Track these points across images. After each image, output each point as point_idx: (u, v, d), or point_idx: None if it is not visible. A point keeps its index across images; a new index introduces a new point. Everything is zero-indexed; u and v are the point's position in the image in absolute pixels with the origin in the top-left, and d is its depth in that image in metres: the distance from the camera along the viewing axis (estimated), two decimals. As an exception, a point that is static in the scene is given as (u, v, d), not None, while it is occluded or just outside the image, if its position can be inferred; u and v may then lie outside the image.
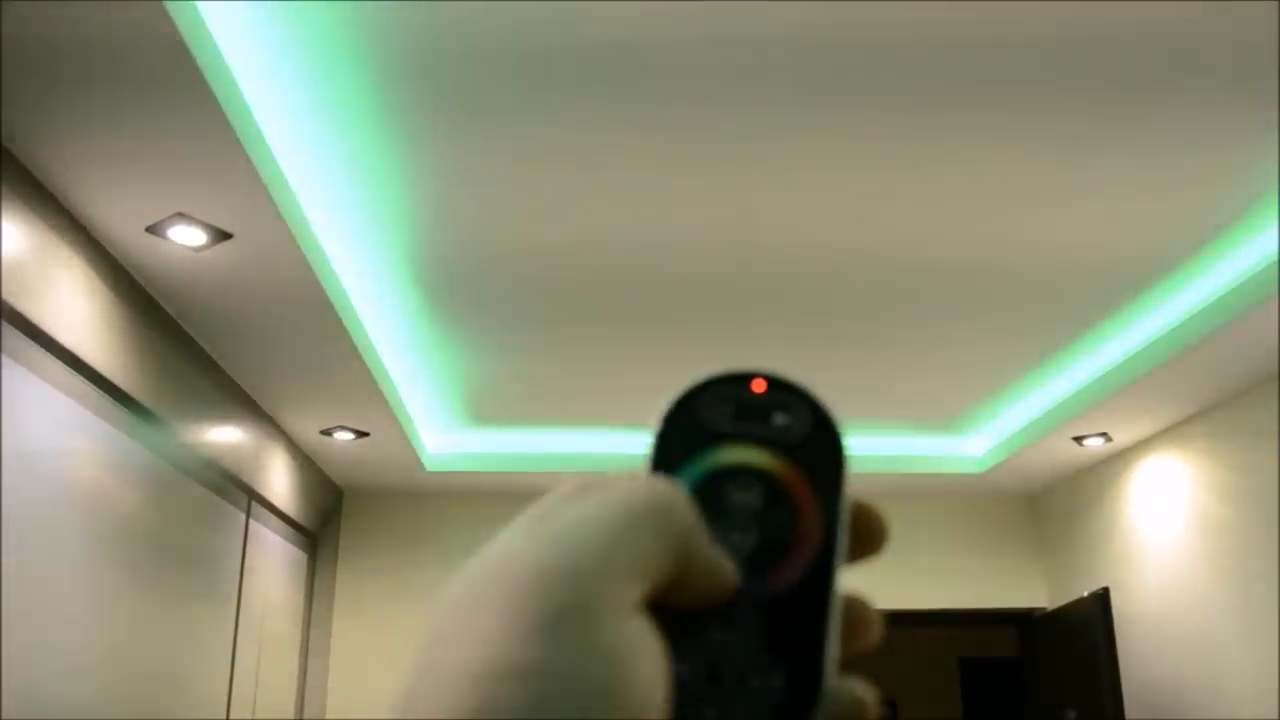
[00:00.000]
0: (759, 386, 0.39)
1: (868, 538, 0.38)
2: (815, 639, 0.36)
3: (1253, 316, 3.72)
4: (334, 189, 3.17)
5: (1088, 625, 5.35)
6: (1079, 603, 5.53)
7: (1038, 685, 6.11)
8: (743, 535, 0.37)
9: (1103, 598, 5.26)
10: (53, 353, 2.87)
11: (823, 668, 0.35)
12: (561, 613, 0.31)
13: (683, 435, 0.38)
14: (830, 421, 0.39)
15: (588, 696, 0.31)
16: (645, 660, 0.32)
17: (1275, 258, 3.54)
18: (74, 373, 3.00)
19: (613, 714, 0.31)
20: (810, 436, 0.38)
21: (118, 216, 2.89)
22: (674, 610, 0.35)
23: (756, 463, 0.38)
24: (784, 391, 0.39)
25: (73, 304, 2.95)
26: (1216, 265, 3.75)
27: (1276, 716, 4.24)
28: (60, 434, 2.95)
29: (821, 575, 0.36)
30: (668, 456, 0.38)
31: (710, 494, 0.37)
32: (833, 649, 0.36)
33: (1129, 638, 5.28)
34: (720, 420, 0.38)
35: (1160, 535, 5.13)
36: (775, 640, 0.35)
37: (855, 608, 0.37)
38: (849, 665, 0.36)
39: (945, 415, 5.40)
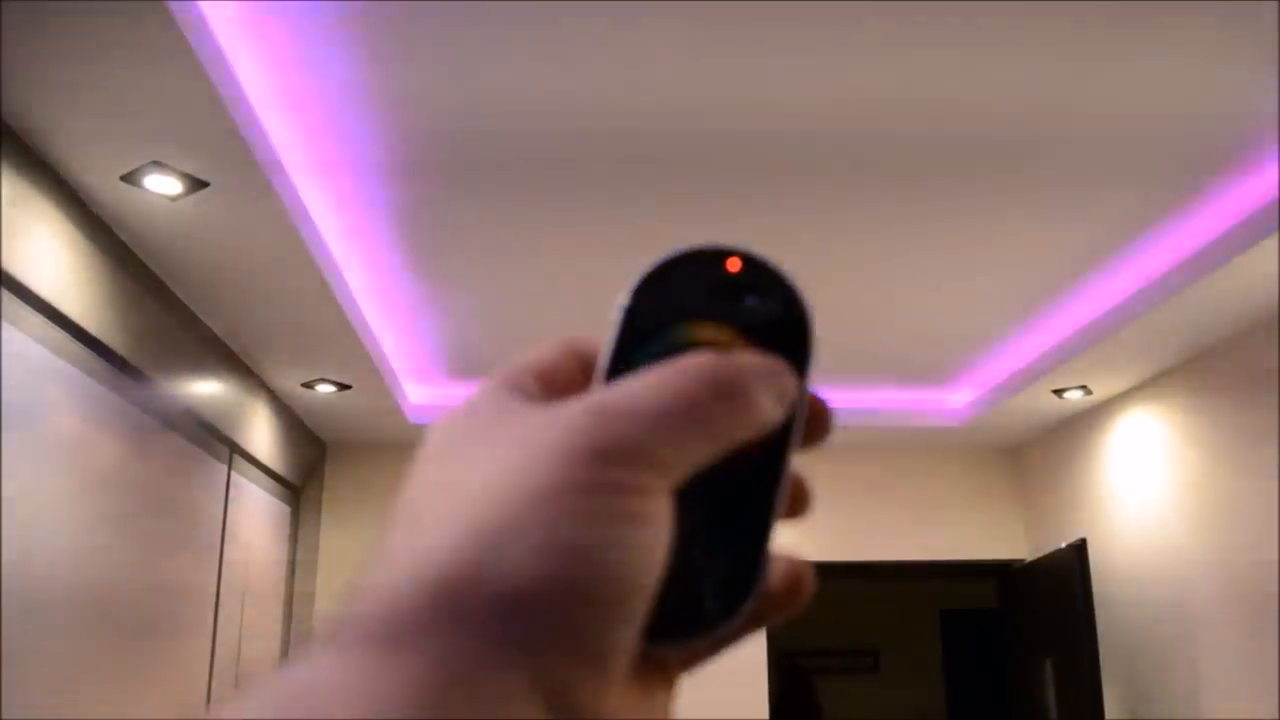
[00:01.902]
0: (734, 265, 0.38)
1: (814, 426, 0.38)
2: (762, 518, 0.36)
3: (1231, 270, 3.73)
4: (311, 137, 3.14)
5: (1065, 576, 5.41)
6: (1057, 554, 5.58)
7: (1016, 635, 6.19)
8: None
9: (1080, 548, 5.31)
10: (29, 303, 2.85)
11: (766, 545, 0.36)
12: (592, 485, 0.32)
13: (652, 309, 0.38)
14: (801, 307, 0.38)
15: (590, 564, 0.31)
16: (658, 531, 0.33)
17: (1253, 211, 3.55)
18: (51, 324, 2.98)
19: (612, 588, 0.31)
20: (780, 320, 0.38)
21: (92, 165, 2.86)
22: None
23: (723, 342, 0.37)
24: (758, 272, 0.38)
25: (48, 254, 2.92)
26: (1196, 220, 3.75)
27: (1248, 666, 4.31)
28: (38, 385, 2.94)
29: (775, 457, 0.37)
30: (635, 328, 0.37)
31: None
32: (774, 529, 0.36)
33: (1106, 589, 5.34)
34: (691, 296, 0.38)
35: (1138, 487, 5.18)
36: (724, 517, 0.36)
37: (794, 483, 0.38)
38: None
39: (927, 368, 5.42)
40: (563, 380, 0.37)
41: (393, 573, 0.31)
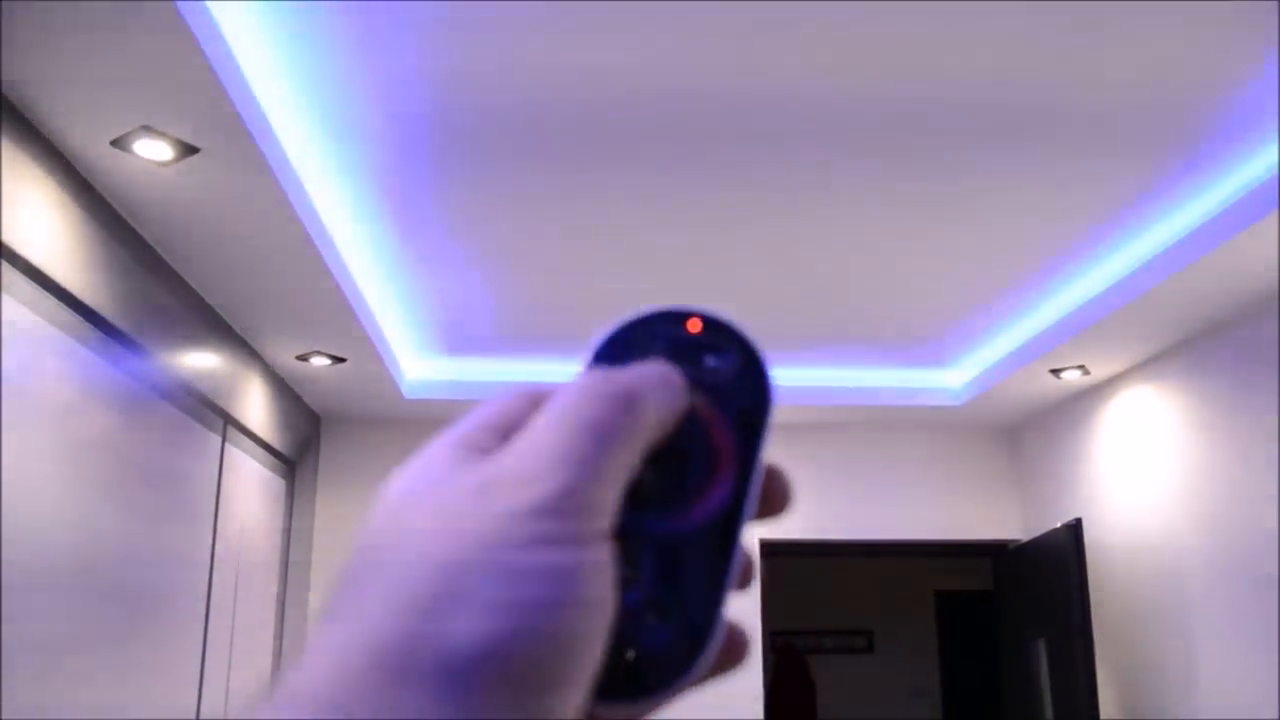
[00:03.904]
0: (695, 326, 0.39)
1: (772, 499, 0.38)
2: (715, 581, 0.36)
3: (1230, 249, 3.71)
4: (305, 103, 3.11)
5: (1060, 556, 5.41)
6: (1051, 534, 5.58)
7: (1010, 616, 6.20)
8: (659, 472, 0.37)
9: (1075, 528, 5.31)
10: (19, 269, 2.83)
11: (718, 609, 0.36)
12: (534, 540, 0.32)
13: (614, 367, 0.38)
14: (761, 369, 0.38)
15: (540, 620, 0.31)
16: (598, 584, 0.33)
17: (1250, 188, 3.53)
18: (42, 290, 2.96)
19: (559, 642, 0.31)
20: (738, 381, 0.38)
21: (81, 129, 2.83)
22: None
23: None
24: (718, 333, 0.38)
25: (39, 220, 2.90)
26: (1195, 197, 3.73)
27: (1243, 647, 4.31)
28: (29, 351, 2.92)
29: (729, 521, 0.37)
30: None
31: None
32: (729, 592, 0.36)
33: (1101, 569, 5.34)
34: (652, 356, 0.38)
35: (1135, 468, 5.17)
36: (675, 579, 0.36)
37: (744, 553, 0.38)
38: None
39: (923, 347, 5.41)
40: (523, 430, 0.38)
41: (338, 638, 0.32)
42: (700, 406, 0.37)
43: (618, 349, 0.38)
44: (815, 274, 4.40)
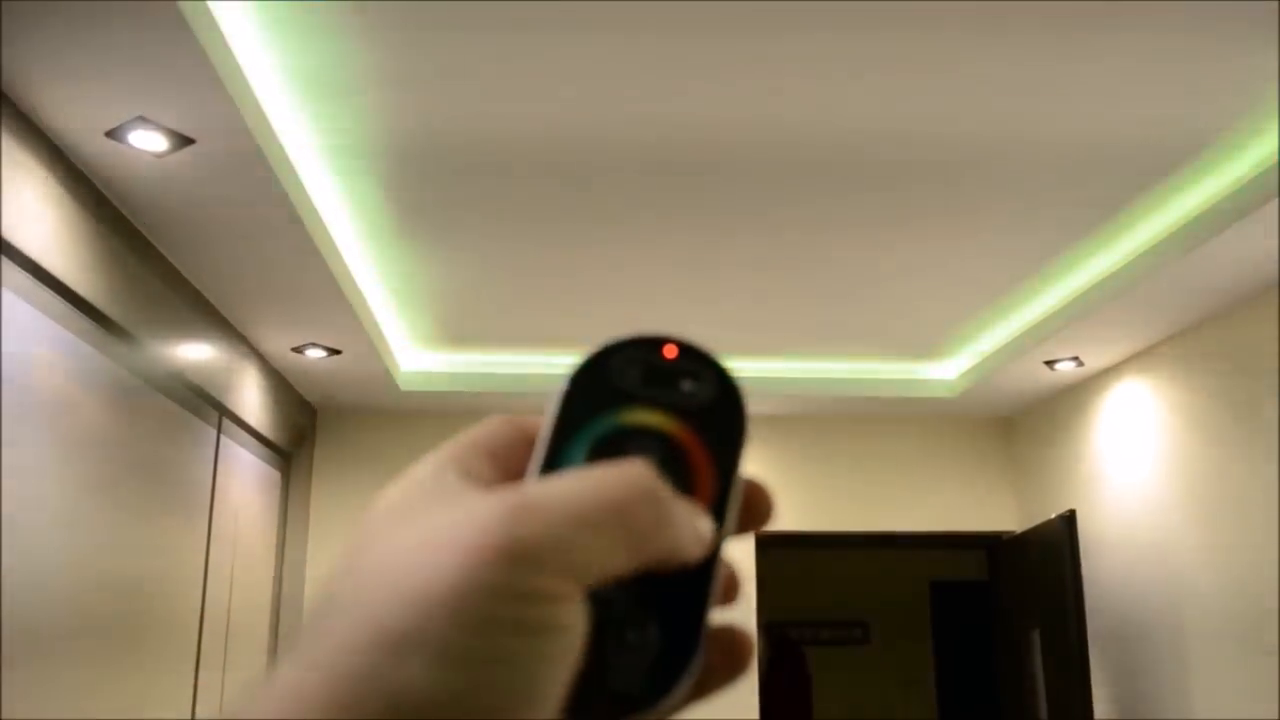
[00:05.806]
0: (670, 352, 0.39)
1: (755, 513, 0.39)
2: (696, 602, 0.36)
3: (1225, 241, 3.72)
4: (300, 94, 3.10)
5: (1054, 547, 5.42)
6: (1046, 525, 5.60)
7: (1005, 606, 6.21)
8: None
9: (1069, 520, 5.32)
10: (13, 260, 2.82)
11: (700, 630, 0.36)
12: (502, 591, 0.32)
13: (590, 393, 0.38)
14: (736, 392, 0.39)
15: (496, 674, 0.31)
16: (566, 641, 0.32)
17: (1245, 181, 3.53)
18: (37, 282, 2.96)
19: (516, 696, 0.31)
20: (714, 406, 0.39)
21: (76, 120, 2.82)
22: None
23: (657, 426, 0.38)
24: (694, 359, 0.39)
25: (33, 211, 2.89)
26: (1189, 188, 3.73)
27: (1235, 638, 4.32)
28: (24, 343, 2.91)
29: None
30: (573, 413, 0.38)
31: (609, 454, 0.37)
32: (711, 611, 0.36)
33: (1095, 560, 5.36)
34: (628, 382, 0.39)
35: (1129, 459, 5.18)
36: (656, 601, 0.36)
37: (727, 568, 0.38)
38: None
39: (918, 338, 5.41)
40: (515, 459, 0.38)
41: (302, 666, 0.31)
42: (677, 431, 0.38)
43: (593, 373, 0.39)
44: (811, 267, 4.40)
